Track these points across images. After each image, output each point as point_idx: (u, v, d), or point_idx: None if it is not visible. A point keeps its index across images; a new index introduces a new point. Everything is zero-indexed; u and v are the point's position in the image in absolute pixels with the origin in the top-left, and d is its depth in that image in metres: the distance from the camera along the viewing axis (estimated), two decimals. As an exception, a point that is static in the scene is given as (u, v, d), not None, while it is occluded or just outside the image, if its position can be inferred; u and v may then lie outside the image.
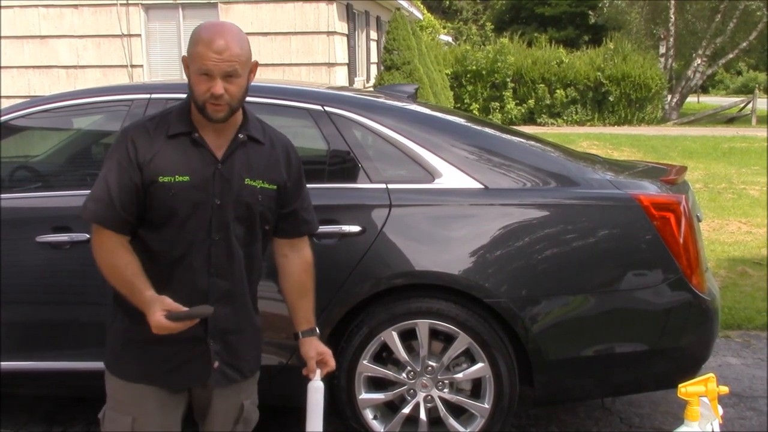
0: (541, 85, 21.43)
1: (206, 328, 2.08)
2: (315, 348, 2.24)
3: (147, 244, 2.07)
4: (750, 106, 23.49)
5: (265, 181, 2.12)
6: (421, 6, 26.03)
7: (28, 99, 3.77)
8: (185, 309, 1.93)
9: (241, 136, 2.09)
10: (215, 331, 2.10)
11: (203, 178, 2.03)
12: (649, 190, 3.08)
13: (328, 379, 3.07)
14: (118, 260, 2.02)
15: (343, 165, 3.17)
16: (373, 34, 16.36)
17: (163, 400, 2.12)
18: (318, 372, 2.21)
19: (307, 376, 2.23)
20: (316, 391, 2.19)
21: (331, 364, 2.25)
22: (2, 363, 3.16)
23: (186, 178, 2.01)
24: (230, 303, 2.11)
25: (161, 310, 1.92)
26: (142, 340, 2.06)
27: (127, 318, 2.08)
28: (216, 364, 2.11)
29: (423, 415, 3.08)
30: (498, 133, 3.46)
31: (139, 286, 1.98)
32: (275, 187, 2.14)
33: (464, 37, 35.80)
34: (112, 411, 2.17)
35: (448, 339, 3.04)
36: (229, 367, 2.14)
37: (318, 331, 2.30)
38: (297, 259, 2.27)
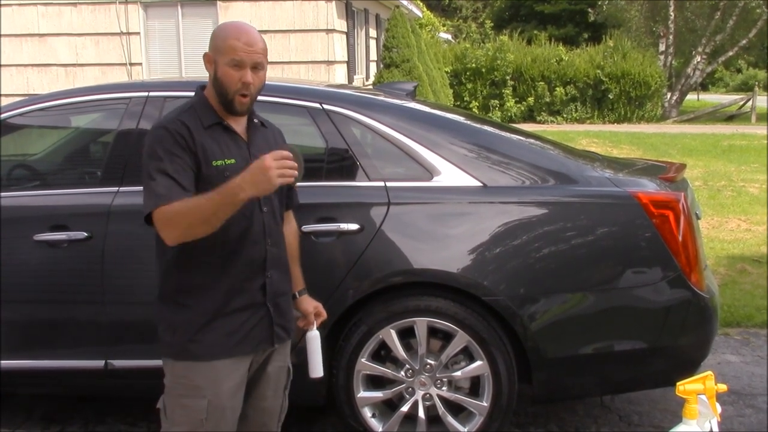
0: (540, 82, 21.42)
1: (265, 292, 2.26)
2: (311, 303, 2.53)
3: None
4: (750, 103, 23.47)
5: None
6: (421, 4, 26.01)
7: (26, 97, 3.76)
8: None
9: (255, 121, 2.32)
10: (271, 295, 2.28)
11: (244, 159, 2.21)
12: (648, 188, 3.07)
13: (326, 378, 3.09)
14: (189, 204, 2.04)
15: (341, 163, 3.17)
16: (373, 32, 16.34)
17: (234, 380, 2.24)
18: (314, 323, 2.51)
19: (304, 328, 2.50)
20: (315, 338, 2.50)
21: (324, 314, 2.55)
22: (0, 362, 3.16)
23: (233, 161, 2.19)
24: (279, 268, 2.33)
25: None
26: (217, 318, 2.20)
27: (200, 303, 2.19)
28: (274, 325, 2.31)
29: (421, 414, 3.07)
30: (497, 131, 3.45)
31: (222, 190, 1.99)
32: None
33: (464, 35, 35.76)
34: (184, 398, 2.22)
35: (447, 337, 3.03)
36: (280, 327, 2.33)
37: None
38: (289, 229, 2.50)
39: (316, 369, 2.49)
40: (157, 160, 2.10)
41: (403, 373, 3.07)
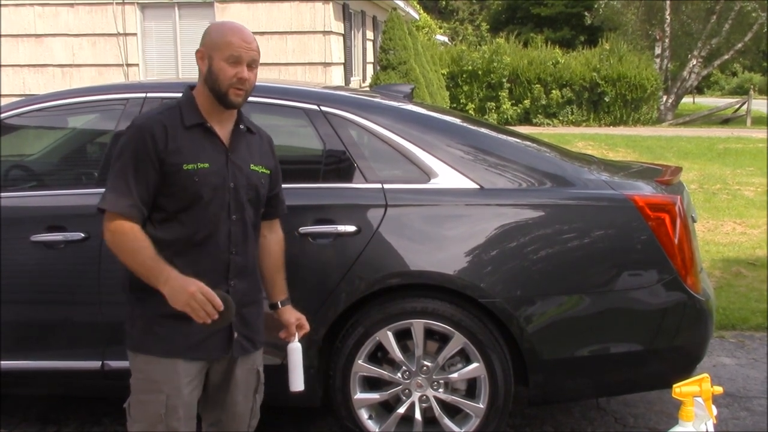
0: (537, 85, 21.46)
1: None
2: (293, 314, 2.50)
3: (166, 232, 2.20)
4: (745, 107, 23.56)
5: (263, 166, 2.36)
6: (418, 6, 26.03)
7: (23, 98, 3.76)
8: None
9: (241, 127, 2.32)
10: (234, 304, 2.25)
11: (219, 164, 2.23)
12: (644, 191, 3.08)
13: (323, 379, 3.09)
14: (136, 243, 2.15)
15: (338, 164, 3.17)
16: (369, 34, 16.35)
17: (190, 377, 2.25)
18: (296, 335, 2.48)
19: (285, 340, 2.48)
20: (296, 351, 2.46)
21: (307, 327, 2.51)
22: (-3, 362, 3.16)
23: (206, 165, 2.20)
24: (245, 278, 2.31)
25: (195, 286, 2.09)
26: (172, 317, 2.19)
27: (155, 299, 2.18)
28: (236, 335, 2.30)
29: (418, 415, 3.08)
30: (493, 134, 3.46)
31: (160, 266, 2.13)
32: (269, 172, 2.39)
33: (460, 37, 35.79)
34: (143, 393, 2.27)
35: (444, 339, 3.04)
36: (244, 338, 2.33)
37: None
38: (275, 238, 2.51)
39: (297, 382, 2.46)
40: (124, 164, 2.17)
41: (399, 374, 3.07)
